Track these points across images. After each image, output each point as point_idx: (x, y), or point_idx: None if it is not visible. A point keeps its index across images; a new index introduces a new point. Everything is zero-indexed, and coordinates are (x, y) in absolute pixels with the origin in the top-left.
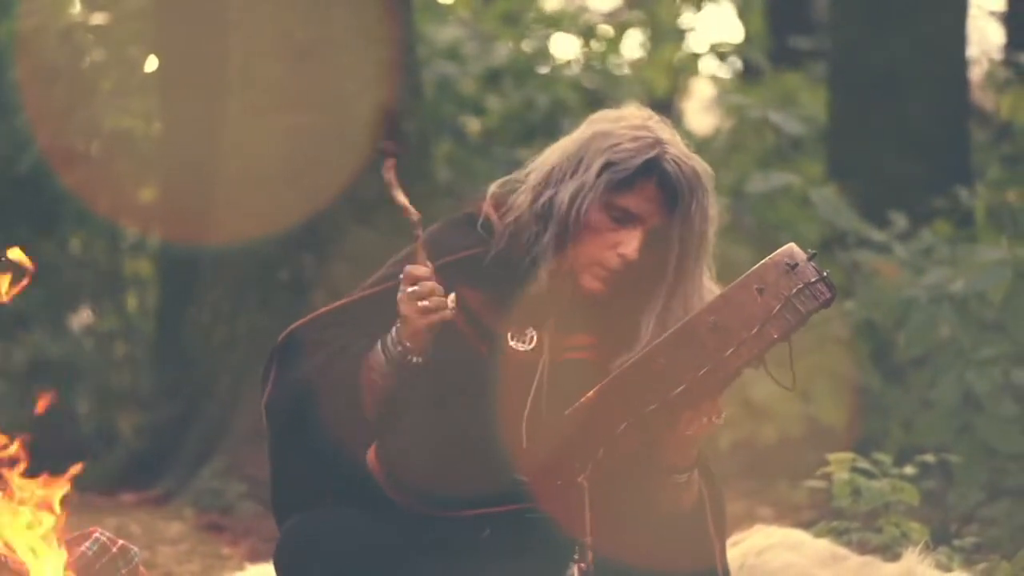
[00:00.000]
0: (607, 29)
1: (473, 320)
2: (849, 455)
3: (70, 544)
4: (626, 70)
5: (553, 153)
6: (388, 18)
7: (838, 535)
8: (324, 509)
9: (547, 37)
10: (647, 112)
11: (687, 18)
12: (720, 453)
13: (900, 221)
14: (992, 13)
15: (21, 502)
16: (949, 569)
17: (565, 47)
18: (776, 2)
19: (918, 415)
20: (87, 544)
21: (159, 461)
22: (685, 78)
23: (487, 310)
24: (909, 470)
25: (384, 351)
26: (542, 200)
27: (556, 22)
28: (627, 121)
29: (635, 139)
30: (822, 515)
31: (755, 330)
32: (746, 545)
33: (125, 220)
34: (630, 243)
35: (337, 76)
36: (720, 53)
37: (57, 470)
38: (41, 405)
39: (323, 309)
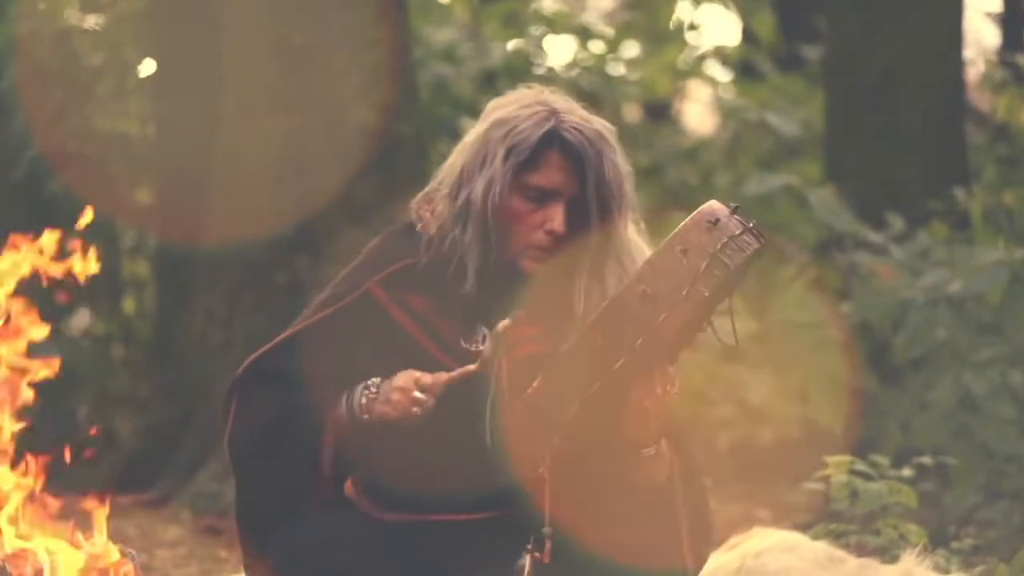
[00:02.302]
0: (605, 30)
1: (426, 327)
2: (847, 457)
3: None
4: (623, 71)
5: (459, 154)
6: (383, 20)
7: (836, 537)
8: (316, 517)
9: (543, 38)
10: (539, 88)
11: (690, 19)
12: (718, 455)
13: (897, 223)
14: (988, 14)
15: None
16: (947, 571)
17: (562, 48)
18: (784, 9)
19: (915, 417)
20: (86, 548)
21: (156, 464)
22: (685, 80)
23: (435, 316)
24: (907, 472)
25: (348, 408)
26: (459, 202)
27: (553, 23)
28: (521, 102)
29: (530, 117)
30: (820, 517)
31: (684, 292)
32: (744, 547)
33: (122, 223)
34: (554, 218)
35: (332, 78)
36: (722, 56)
37: (55, 473)
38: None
39: (282, 336)
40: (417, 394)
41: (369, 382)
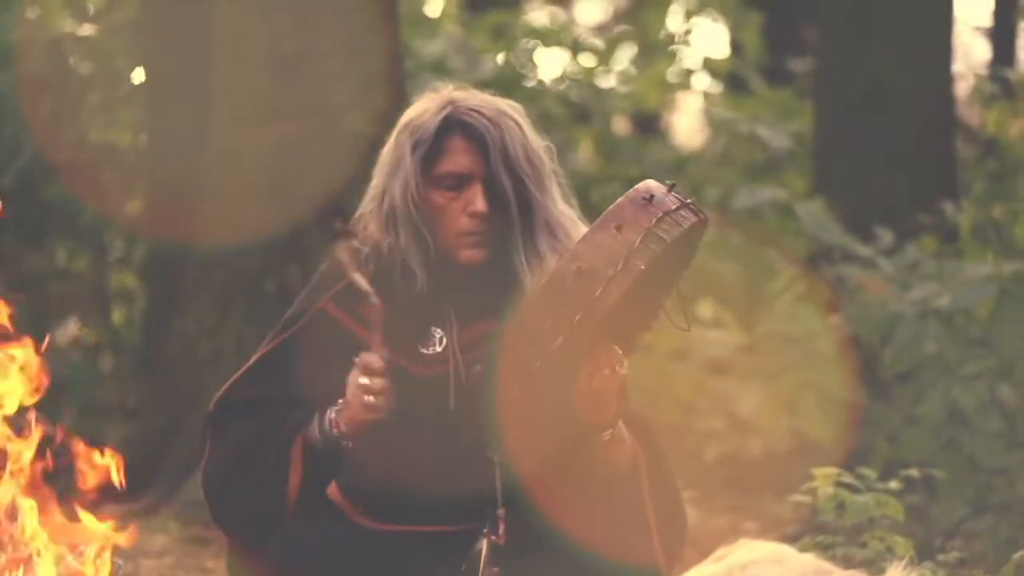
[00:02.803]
0: (595, 43)
1: (386, 336)
2: (834, 470)
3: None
4: (613, 83)
5: (379, 169)
6: (375, 31)
7: (823, 549)
8: (305, 526)
9: (534, 51)
10: (446, 86)
11: (679, 32)
12: (705, 467)
13: (886, 236)
14: (978, 28)
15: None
16: None
17: (552, 61)
18: (772, 22)
19: (903, 430)
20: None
21: (144, 474)
22: (675, 93)
23: (390, 323)
24: (894, 485)
25: (320, 428)
26: (384, 211)
27: (543, 36)
28: (423, 103)
29: (430, 111)
30: (807, 529)
31: (620, 266)
32: (731, 559)
33: (111, 232)
34: (474, 200)
35: (323, 88)
36: (712, 69)
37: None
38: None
39: (246, 365)
40: (363, 380)
41: (339, 401)
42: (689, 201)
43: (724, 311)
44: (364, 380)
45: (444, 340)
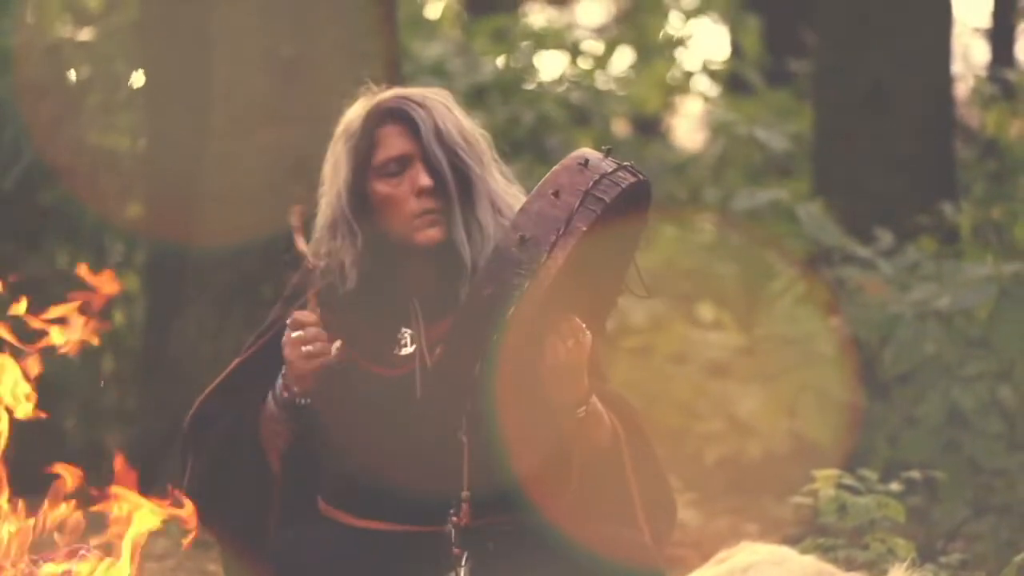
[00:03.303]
0: (595, 46)
1: (355, 342)
2: (835, 471)
3: (56, 561)
4: (613, 86)
5: (321, 190)
6: (373, 34)
7: (824, 552)
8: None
9: (533, 54)
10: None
11: (679, 34)
12: (706, 469)
13: (885, 237)
14: (977, 29)
15: None
16: None
17: (552, 64)
18: (772, 24)
19: (904, 431)
20: (73, 562)
21: (145, 477)
22: (675, 95)
23: (357, 329)
24: (895, 486)
25: (274, 399)
26: (327, 219)
27: (543, 39)
28: (355, 106)
29: (355, 111)
30: (808, 531)
31: (561, 230)
32: (732, 562)
33: (111, 236)
34: (416, 177)
35: (322, 92)
36: (711, 71)
37: (44, 487)
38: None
39: (219, 377)
40: (296, 333)
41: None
42: (627, 164)
43: (724, 313)
44: (298, 333)
45: (413, 339)
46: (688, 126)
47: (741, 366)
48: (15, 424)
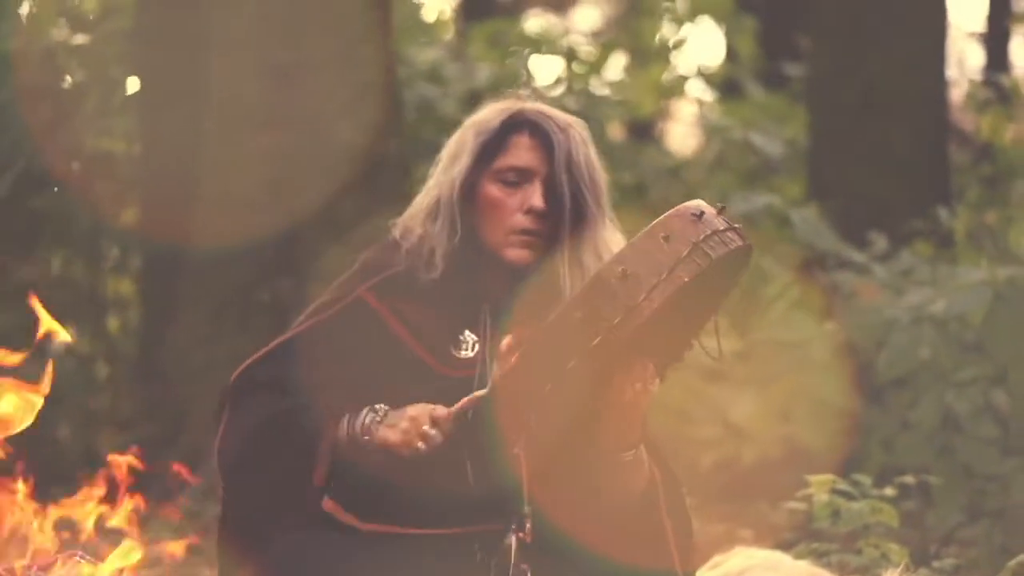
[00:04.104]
0: (590, 50)
1: (417, 334)
2: (829, 476)
3: (50, 568)
4: (607, 91)
5: (436, 166)
6: (368, 41)
7: (818, 556)
8: (308, 533)
9: (528, 58)
10: (514, 97)
11: (674, 38)
12: (700, 474)
13: (880, 242)
14: (972, 34)
15: None
16: None
17: (547, 68)
18: (767, 28)
19: (898, 436)
20: (67, 567)
21: (139, 482)
22: (669, 99)
23: (425, 323)
24: (889, 491)
25: (350, 430)
26: (430, 199)
27: (538, 44)
28: (492, 107)
29: (496, 110)
30: (802, 536)
31: (664, 275)
32: (726, 566)
33: (106, 241)
34: (532, 196)
35: (317, 97)
36: (706, 75)
37: (41, 493)
38: None
39: (272, 344)
40: (427, 428)
41: (376, 406)
42: (737, 226)
43: (718, 317)
44: (427, 428)
45: (476, 345)
46: (683, 130)
47: (736, 371)
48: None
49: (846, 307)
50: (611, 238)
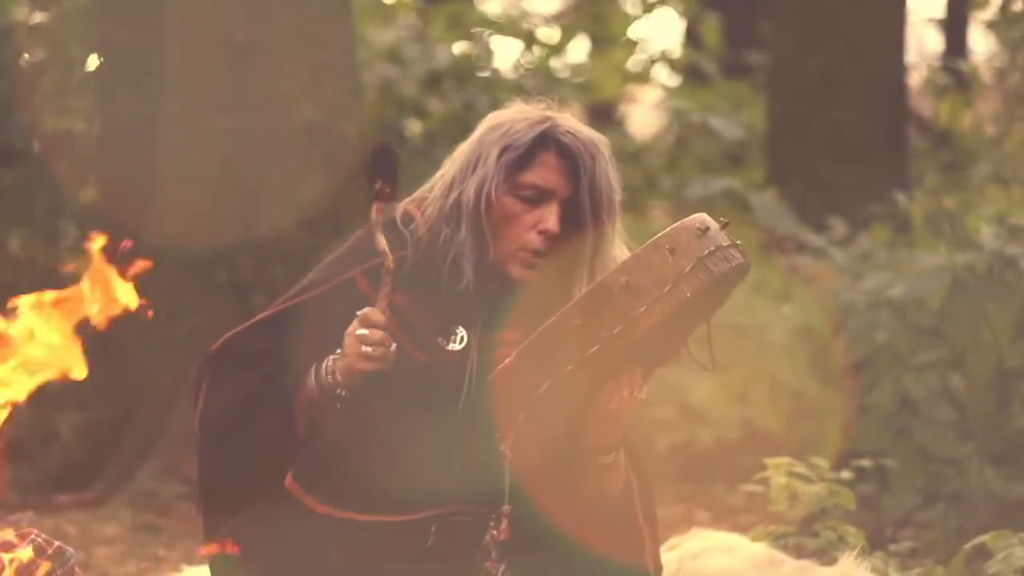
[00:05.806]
0: (550, 33)
1: (403, 322)
2: (786, 459)
3: (4, 546)
4: (568, 74)
5: (455, 160)
6: (327, 21)
7: (775, 539)
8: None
9: (489, 40)
10: (539, 102)
11: (637, 24)
12: (657, 456)
13: (838, 226)
14: (930, 19)
15: None
16: (885, 573)
17: (508, 51)
18: (730, 17)
19: (855, 420)
20: (23, 546)
21: (96, 462)
22: (631, 83)
23: (415, 312)
24: (846, 474)
25: (316, 376)
26: (450, 202)
27: (498, 26)
28: (518, 111)
29: (525, 119)
30: (759, 519)
31: (667, 288)
32: (683, 549)
33: (64, 220)
34: (549, 218)
35: (276, 78)
36: (670, 60)
37: None
38: None
39: (258, 317)
40: (361, 330)
41: (337, 350)
42: (738, 242)
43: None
44: (362, 331)
45: (464, 339)
46: (644, 115)
47: (693, 353)
48: None
49: (804, 291)
50: (619, 255)
